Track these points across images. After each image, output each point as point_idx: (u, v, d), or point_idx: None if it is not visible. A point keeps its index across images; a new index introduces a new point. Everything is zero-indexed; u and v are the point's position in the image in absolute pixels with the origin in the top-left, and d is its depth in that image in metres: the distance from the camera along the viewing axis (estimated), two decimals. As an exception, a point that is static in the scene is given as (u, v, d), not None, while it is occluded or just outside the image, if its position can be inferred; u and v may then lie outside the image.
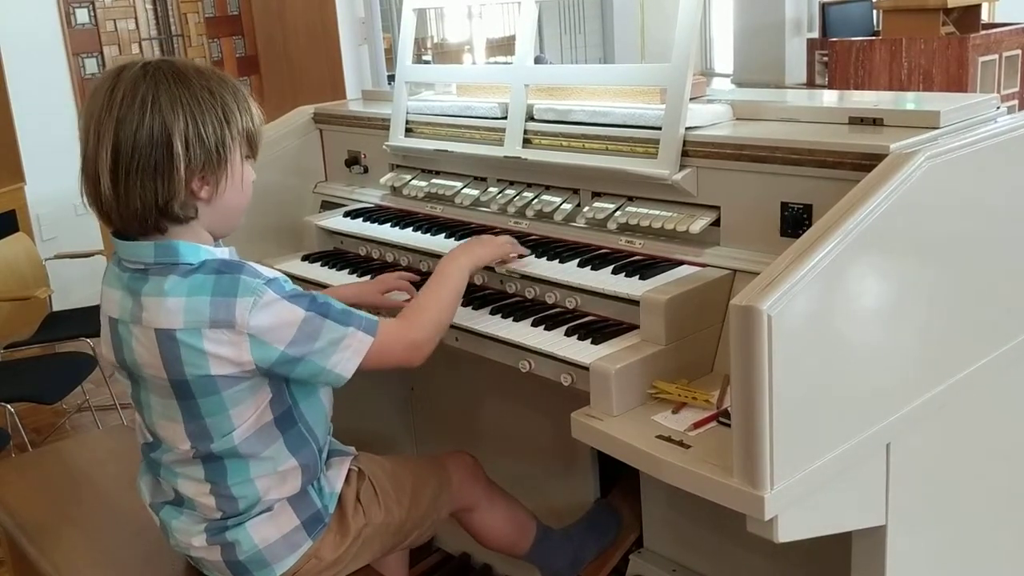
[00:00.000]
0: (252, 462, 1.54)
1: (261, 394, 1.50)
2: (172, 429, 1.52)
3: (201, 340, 1.42)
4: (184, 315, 1.42)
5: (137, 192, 1.42)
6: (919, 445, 1.47)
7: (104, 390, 3.94)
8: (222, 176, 1.47)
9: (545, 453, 2.24)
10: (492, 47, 8.72)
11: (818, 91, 5.94)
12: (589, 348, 1.60)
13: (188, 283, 1.44)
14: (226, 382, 1.46)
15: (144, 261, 1.47)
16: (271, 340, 1.43)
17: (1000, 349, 1.60)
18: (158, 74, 1.44)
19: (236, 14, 6.38)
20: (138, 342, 1.47)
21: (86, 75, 5.51)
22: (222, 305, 1.42)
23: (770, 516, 1.26)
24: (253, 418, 1.50)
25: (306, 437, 1.59)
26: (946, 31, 5.84)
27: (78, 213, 5.26)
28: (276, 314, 1.43)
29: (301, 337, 1.45)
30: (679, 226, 1.76)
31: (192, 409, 1.48)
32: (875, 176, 1.36)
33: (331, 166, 2.63)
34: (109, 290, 1.54)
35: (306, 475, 1.60)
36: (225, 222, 1.54)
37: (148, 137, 1.40)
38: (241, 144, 1.50)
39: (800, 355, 1.25)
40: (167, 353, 1.44)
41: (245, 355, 1.43)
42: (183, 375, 1.44)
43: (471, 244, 1.81)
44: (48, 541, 1.88)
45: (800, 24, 9.12)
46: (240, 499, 1.56)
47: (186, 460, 1.55)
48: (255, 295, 1.42)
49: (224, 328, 1.42)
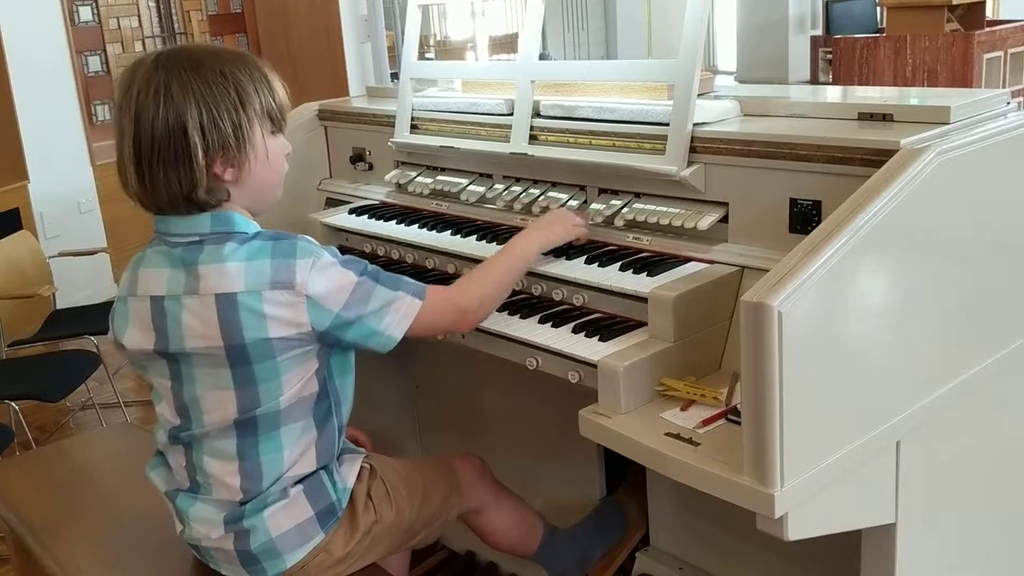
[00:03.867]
0: (284, 431, 1.56)
1: (309, 363, 1.54)
2: (221, 399, 1.53)
3: (261, 302, 1.45)
4: (245, 277, 1.46)
5: (162, 183, 1.46)
6: (930, 443, 1.47)
7: (108, 388, 3.94)
8: (245, 157, 1.50)
9: (550, 450, 2.23)
10: (494, 44, 8.70)
11: (825, 87, 5.93)
12: (597, 345, 1.60)
13: (246, 249, 1.48)
14: (281, 346, 1.49)
15: (200, 232, 1.50)
16: (327, 303, 1.48)
17: (1011, 346, 1.59)
18: (170, 64, 1.46)
19: (239, 12, 6.39)
20: (191, 313, 1.49)
21: (89, 73, 5.51)
22: (283, 267, 1.46)
23: (780, 514, 1.25)
24: (299, 386, 1.54)
25: (332, 413, 1.62)
26: (950, 28, 5.83)
27: (81, 211, 5.28)
28: (332, 277, 1.49)
29: (355, 300, 1.50)
30: (687, 223, 1.75)
31: (246, 375, 1.50)
32: (885, 172, 1.35)
33: (336, 163, 2.63)
34: (150, 271, 1.55)
35: (320, 451, 1.61)
36: (261, 198, 1.58)
37: (164, 128, 1.44)
38: (262, 121, 1.51)
39: (810, 352, 1.24)
40: (227, 317, 1.46)
41: (302, 316, 1.47)
42: (241, 339, 1.47)
43: (548, 223, 1.83)
44: (52, 538, 1.87)
45: (804, 21, 9.10)
46: (264, 476, 1.57)
47: (223, 433, 1.55)
48: (313, 256, 1.48)
49: (284, 289, 1.46)
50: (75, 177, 5.23)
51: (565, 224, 1.84)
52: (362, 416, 1.87)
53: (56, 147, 5.10)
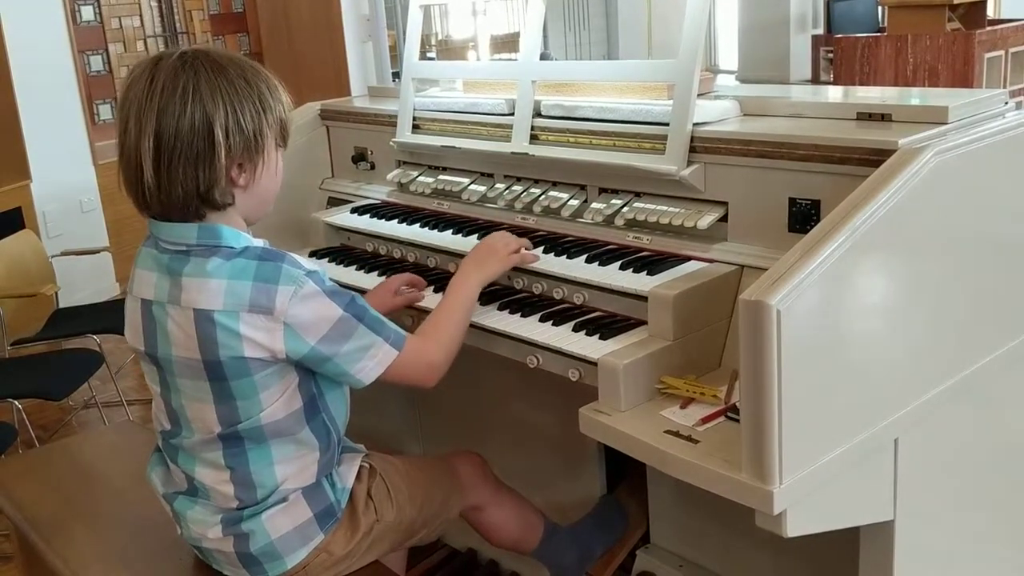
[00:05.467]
0: (274, 447, 1.56)
1: (288, 378, 1.53)
2: (202, 411, 1.54)
3: (238, 323, 1.45)
4: (224, 297, 1.45)
5: (179, 180, 1.45)
6: (928, 440, 1.47)
7: (110, 387, 3.95)
8: (259, 163, 1.51)
9: (551, 449, 2.24)
10: (496, 44, 8.71)
11: (825, 87, 5.93)
12: (597, 343, 1.61)
13: (230, 266, 1.47)
14: (257, 365, 1.48)
15: (186, 242, 1.50)
16: (305, 334, 1.47)
17: (1008, 344, 1.60)
18: (196, 63, 1.46)
19: (241, 11, 6.39)
20: (173, 323, 1.49)
21: (91, 72, 5.52)
22: (263, 291, 1.45)
23: (779, 511, 1.26)
24: (281, 401, 1.53)
25: (327, 427, 1.61)
26: (952, 27, 5.83)
27: (84, 210, 5.29)
28: (314, 308, 1.47)
29: (334, 335, 1.49)
30: (687, 222, 1.76)
31: (224, 390, 1.50)
32: (883, 171, 1.36)
33: (338, 162, 2.63)
34: (144, 272, 1.56)
35: (322, 465, 1.61)
36: (259, 208, 1.58)
37: (190, 126, 1.44)
38: (275, 133, 1.53)
39: (809, 350, 1.25)
40: (203, 333, 1.46)
41: (278, 343, 1.46)
42: (217, 356, 1.47)
43: (482, 260, 1.79)
44: (56, 536, 1.88)
45: (805, 20, 9.11)
46: (259, 487, 1.57)
47: (209, 444, 1.56)
48: (296, 284, 1.46)
49: (262, 314, 1.45)
50: (77, 176, 5.25)
51: (499, 255, 1.80)
52: (363, 416, 1.88)
53: (58, 146, 5.11)
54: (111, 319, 3.75)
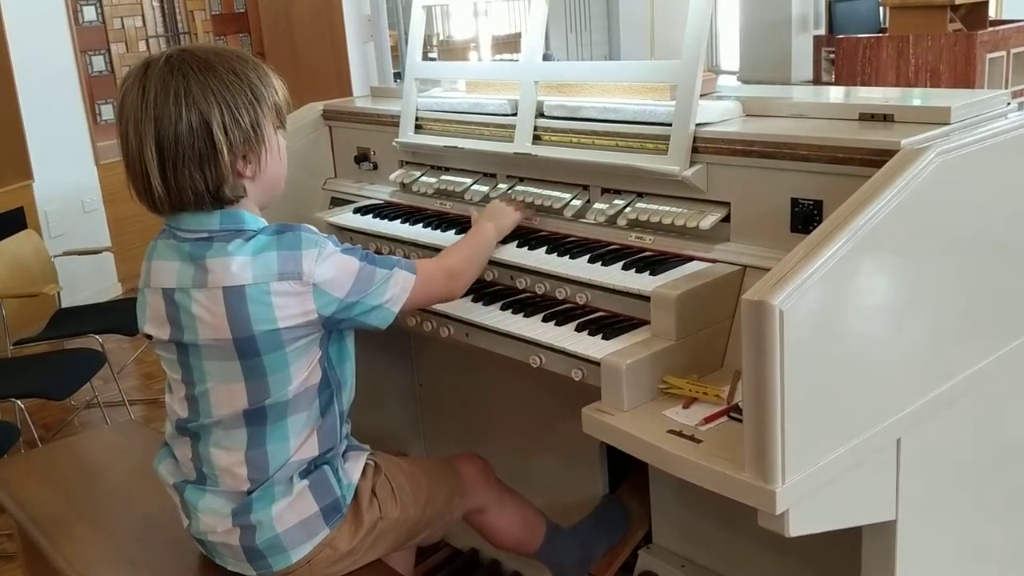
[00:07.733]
0: (291, 421, 1.59)
1: (313, 351, 1.58)
2: (229, 392, 1.56)
3: (269, 293, 1.49)
4: (253, 270, 1.49)
5: (187, 183, 1.49)
6: (930, 440, 1.48)
7: (112, 386, 3.96)
8: (262, 152, 1.55)
9: (553, 448, 2.24)
10: (497, 45, 8.71)
11: (826, 88, 5.93)
12: (600, 343, 1.61)
13: (252, 244, 1.52)
14: (289, 336, 1.52)
15: (209, 229, 1.53)
16: (332, 289, 1.53)
17: (1011, 344, 1.60)
18: (184, 66, 1.48)
19: (242, 11, 6.40)
20: (200, 306, 1.52)
21: (93, 72, 5.52)
22: (290, 258, 1.51)
23: (781, 510, 1.26)
24: (305, 375, 1.57)
25: (333, 400, 1.65)
26: (953, 28, 5.84)
27: (86, 210, 5.30)
28: (336, 265, 1.54)
29: (358, 284, 1.56)
30: (689, 222, 1.76)
31: (256, 367, 1.53)
32: (886, 172, 1.36)
33: (340, 163, 2.64)
34: (161, 263, 1.58)
35: (325, 438, 1.63)
36: (270, 193, 1.62)
37: (188, 129, 1.46)
38: (272, 118, 1.56)
39: (811, 350, 1.25)
40: (235, 310, 1.49)
41: (309, 304, 1.52)
42: (250, 331, 1.50)
43: (494, 215, 1.94)
44: (59, 535, 1.89)
45: (807, 21, 9.10)
46: (271, 464, 1.59)
47: (231, 424, 1.58)
48: (318, 247, 1.53)
49: (292, 279, 1.50)
50: (79, 176, 5.25)
51: (508, 211, 1.96)
52: (365, 415, 1.88)
53: (60, 146, 5.12)
54: (113, 319, 3.75)
